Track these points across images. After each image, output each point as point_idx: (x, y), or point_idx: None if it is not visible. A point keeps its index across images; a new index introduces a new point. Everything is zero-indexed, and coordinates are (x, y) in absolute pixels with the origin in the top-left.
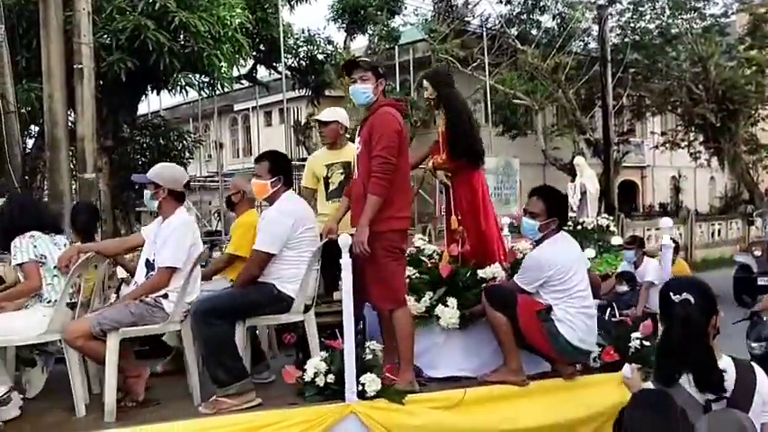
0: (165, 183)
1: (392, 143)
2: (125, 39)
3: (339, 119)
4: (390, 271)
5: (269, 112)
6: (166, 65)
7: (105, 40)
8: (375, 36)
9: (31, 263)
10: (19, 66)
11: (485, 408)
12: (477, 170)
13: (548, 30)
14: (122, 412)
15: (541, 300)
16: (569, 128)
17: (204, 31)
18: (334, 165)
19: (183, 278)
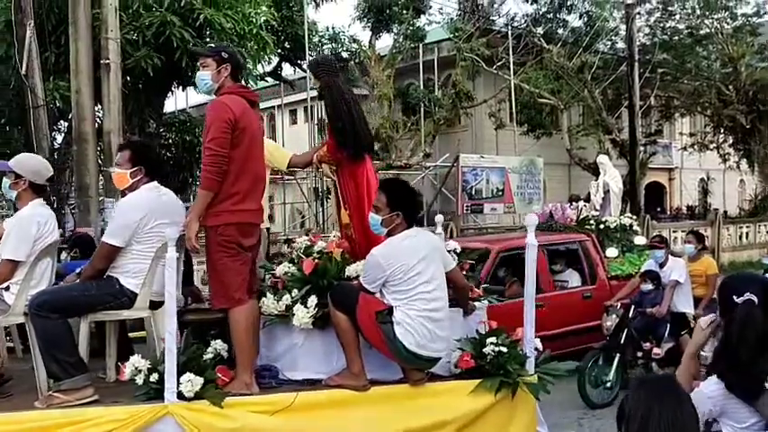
0: (26, 173)
1: (221, 134)
2: (151, 35)
3: None
4: (222, 267)
5: (294, 110)
6: (190, 62)
7: (132, 36)
8: (400, 35)
9: None
10: (48, 62)
11: (315, 413)
12: (362, 162)
13: (574, 29)
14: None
15: (385, 300)
16: (595, 128)
17: (229, 28)
18: None
19: (24, 271)
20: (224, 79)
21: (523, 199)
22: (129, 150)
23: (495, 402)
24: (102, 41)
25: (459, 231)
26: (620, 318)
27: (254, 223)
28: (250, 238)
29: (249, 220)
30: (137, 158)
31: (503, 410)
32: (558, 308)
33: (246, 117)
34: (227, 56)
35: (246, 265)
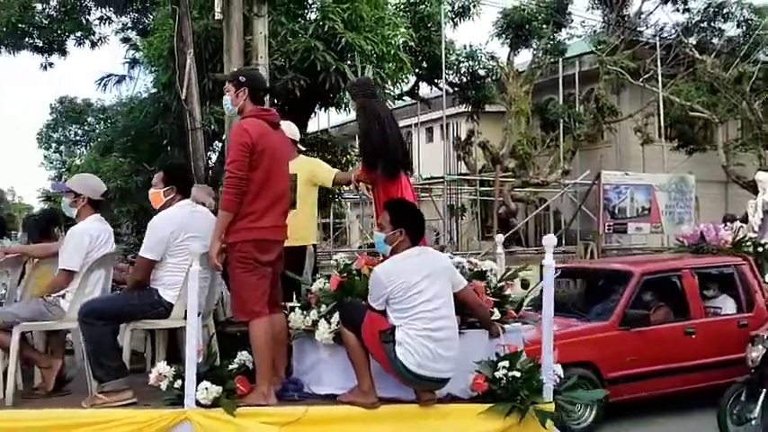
0: (83, 191)
1: (239, 157)
2: (297, 60)
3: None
4: (241, 282)
5: (430, 129)
6: (333, 83)
7: (279, 61)
8: (539, 50)
9: None
10: (205, 88)
11: (324, 428)
12: (396, 181)
13: (731, 38)
14: (27, 398)
15: (389, 320)
16: (754, 142)
17: (369, 50)
18: None
19: (78, 281)
20: (243, 102)
21: (672, 219)
22: (163, 172)
23: (504, 428)
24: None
25: (600, 252)
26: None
27: (271, 240)
28: (268, 254)
29: (266, 236)
30: (169, 179)
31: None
32: (709, 336)
33: (265, 139)
34: (245, 80)
35: (265, 280)
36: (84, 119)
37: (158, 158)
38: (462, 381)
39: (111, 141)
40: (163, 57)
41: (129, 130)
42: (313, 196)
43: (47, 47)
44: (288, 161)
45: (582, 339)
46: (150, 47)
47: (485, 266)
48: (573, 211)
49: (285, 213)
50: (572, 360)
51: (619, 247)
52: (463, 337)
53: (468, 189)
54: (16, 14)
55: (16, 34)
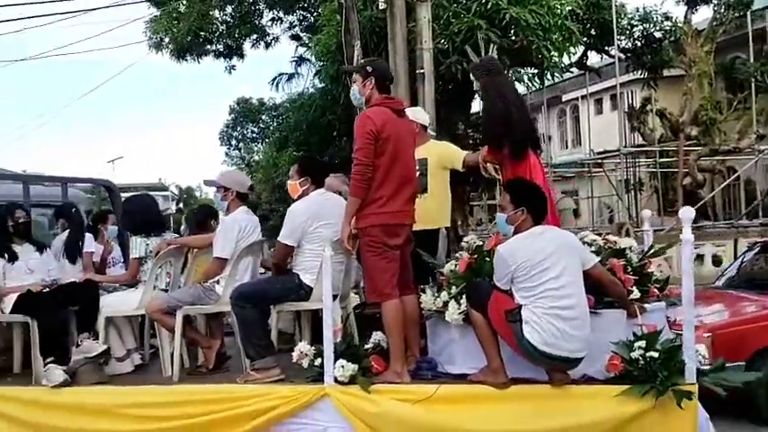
0: (232, 185)
1: (364, 145)
2: (460, 41)
3: (414, 118)
4: (371, 265)
5: (599, 100)
6: None
7: (443, 45)
8: (721, 5)
9: (135, 260)
10: None
11: (454, 406)
12: (524, 160)
13: None
14: (191, 375)
15: (515, 299)
16: None
17: (534, 23)
18: None
19: (229, 268)
20: (370, 92)
21: None
22: (297, 164)
23: (641, 411)
24: (417, 52)
25: None
26: None
27: (399, 224)
28: (396, 238)
29: (393, 221)
30: (303, 171)
31: (651, 421)
32: None
33: (390, 126)
34: (372, 70)
35: (394, 263)
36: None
37: (329, 149)
38: (599, 361)
39: (285, 137)
40: (330, 51)
41: (301, 124)
42: (445, 180)
43: (227, 51)
44: (413, 147)
45: None
46: (318, 43)
47: (623, 244)
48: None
49: (412, 198)
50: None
51: None
52: (599, 316)
53: (645, 161)
54: (196, 23)
55: (199, 42)
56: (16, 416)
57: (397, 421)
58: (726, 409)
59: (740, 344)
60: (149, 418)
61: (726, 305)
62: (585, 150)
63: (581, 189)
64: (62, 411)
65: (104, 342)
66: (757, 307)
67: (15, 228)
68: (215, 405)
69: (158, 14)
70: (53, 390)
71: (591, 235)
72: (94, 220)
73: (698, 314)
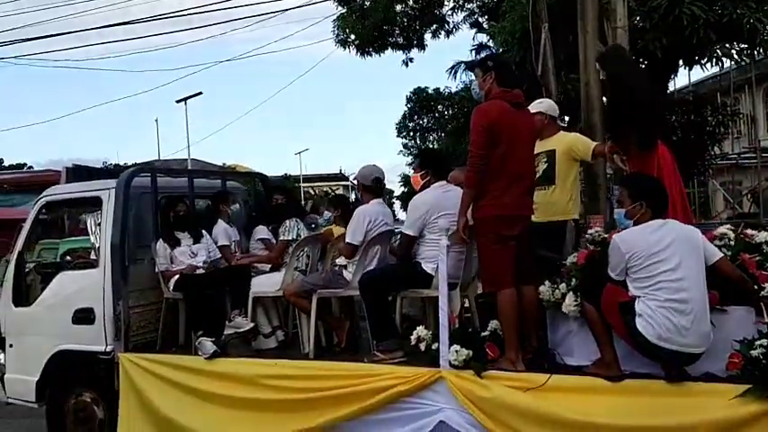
0: (359, 179)
1: (478, 137)
2: (658, 17)
3: (542, 109)
4: (487, 255)
5: None
6: (701, 38)
7: (638, 23)
8: None
9: (284, 242)
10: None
11: (564, 396)
12: (652, 152)
13: None
14: (324, 353)
15: (630, 291)
16: None
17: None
18: (540, 154)
19: (359, 253)
20: (490, 86)
21: None
22: (419, 158)
23: (759, 414)
24: (610, 31)
25: None
26: None
27: (514, 215)
28: (511, 229)
29: (508, 212)
30: (424, 163)
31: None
32: None
33: (506, 119)
34: (492, 64)
35: (510, 253)
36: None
37: None
38: (723, 359)
39: (461, 126)
40: (515, 38)
41: None
42: (574, 171)
43: (407, 43)
44: (531, 141)
45: None
46: (502, 30)
47: (759, 238)
48: None
49: (529, 191)
50: None
51: None
52: (725, 313)
53: None
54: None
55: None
56: (179, 381)
57: (508, 407)
58: None
59: None
60: (287, 389)
61: None
62: None
63: None
64: (214, 379)
65: (252, 319)
66: None
67: (176, 219)
68: (342, 381)
69: (344, 12)
70: (207, 360)
71: (721, 228)
72: (214, 200)
73: None
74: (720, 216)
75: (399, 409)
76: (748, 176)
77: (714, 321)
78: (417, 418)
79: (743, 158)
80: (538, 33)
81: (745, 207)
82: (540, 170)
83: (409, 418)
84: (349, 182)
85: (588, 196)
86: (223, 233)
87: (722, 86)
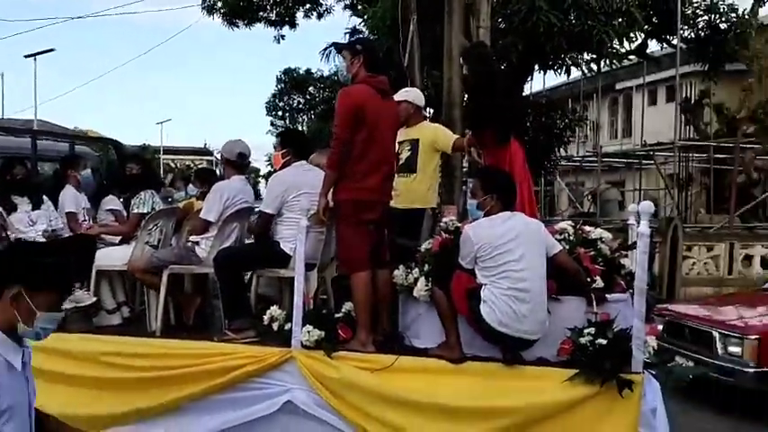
0: (224, 153)
1: (342, 120)
2: (518, 21)
3: (409, 98)
4: (343, 237)
5: (653, 91)
6: (555, 45)
7: (499, 24)
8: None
9: (138, 215)
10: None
11: (410, 377)
12: (506, 147)
13: None
14: (173, 331)
15: (477, 279)
16: None
17: (597, 7)
18: (404, 142)
19: (215, 230)
20: (357, 69)
21: None
22: (280, 137)
23: (586, 396)
24: (474, 30)
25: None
26: None
27: (374, 200)
28: (370, 213)
29: (369, 197)
30: (285, 142)
31: (595, 407)
32: None
33: (370, 104)
34: (361, 48)
35: (367, 237)
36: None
37: None
38: (554, 345)
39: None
40: (386, 25)
41: None
42: (435, 161)
43: (279, 20)
44: (394, 128)
45: None
46: (374, 16)
47: (594, 234)
48: None
49: (389, 176)
50: None
51: None
52: (560, 302)
53: (698, 156)
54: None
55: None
56: None
57: (356, 387)
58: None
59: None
60: (131, 367)
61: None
62: (635, 141)
63: (628, 181)
64: (50, 355)
65: (94, 294)
66: None
67: (14, 182)
68: (190, 360)
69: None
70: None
71: (563, 223)
72: (62, 165)
73: (742, 315)
74: (563, 214)
75: (247, 389)
76: (590, 178)
77: (550, 309)
78: (265, 398)
79: (586, 161)
80: (407, 25)
81: (585, 206)
82: (403, 158)
83: (257, 398)
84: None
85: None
86: (71, 199)
87: (573, 93)
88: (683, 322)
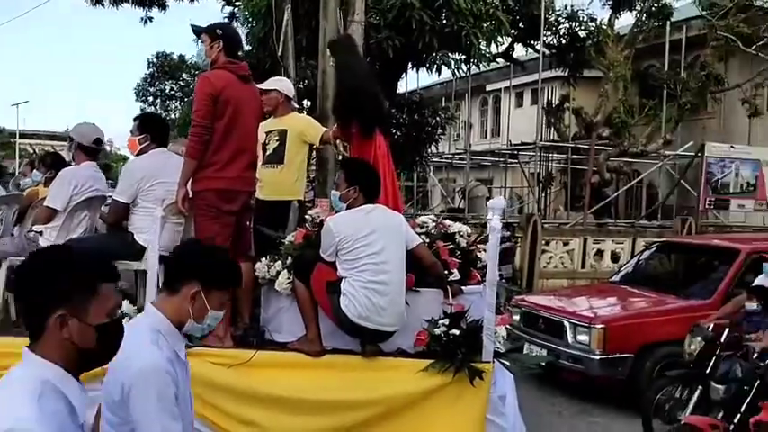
0: (75, 137)
1: (201, 107)
2: (392, 17)
3: (279, 87)
4: (203, 229)
5: (520, 93)
6: (426, 43)
7: (374, 19)
8: (643, 13)
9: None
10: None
11: (269, 372)
12: (371, 140)
13: None
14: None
15: (338, 271)
16: None
17: (466, 9)
18: (272, 132)
19: (62, 220)
20: (216, 54)
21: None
22: (138, 121)
23: (440, 386)
24: (348, 24)
25: (698, 228)
26: (707, 342)
27: (235, 190)
28: (231, 204)
29: (229, 186)
30: (143, 128)
31: (448, 395)
32: None
33: (230, 90)
34: (221, 33)
35: (227, 228)
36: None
37: None
38: (413, 336)
39: None
40: (260, 13)
41: None
42: (303, 153)
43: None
44: (256, 115)
45: (679, 317)
46: (249, 2)
47: (453, 228)
48: (668, 184)
49: (251, 165)
50: (667, 338)
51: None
52: (417, 294)
53: (558, 157)
54: None
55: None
56: None
57: (211, 384)
58: (611, 398)
59: (630, 336)
60: None
61: (620, 299)
62: (503, 141)
63: (496, 178)
64: None
65: None
66: (648, 303)
67: None
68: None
69: None
70: None
71: (423, 217)
72: None
73: (592, 306)
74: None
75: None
76: (461, 175)
77: (409, 301)
78: None
79: (458, 159)
80: (281, 14)
81: (456, 202)
82: (271, 148)
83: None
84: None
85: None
86: None
87: (447, 93)
88: (538, 313)
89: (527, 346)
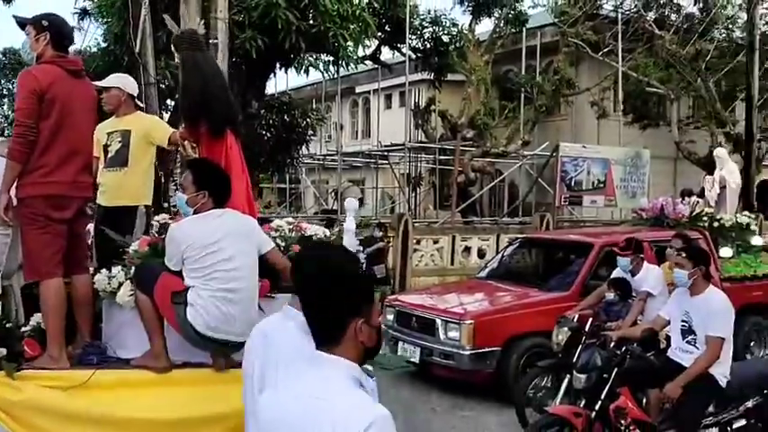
0: None
1: (26, 105)
2: (257, 16)
3: (120, 84)
4: (31, 240)
5: (389, 95)
6: (293, 44)
7: (238, 17)
8: (501, 19)
9: None
10: (160, 41)
11: (111, 392)
12: (221, 140)
13: (688, 15)
14: None
15: (185, 281)
16: (707, 120)
17: (332, 9)
18: (114, 133)
19: None
20: (43, 48)
21: (626, 192)
22: None
23: None
24: (212, 21)
25: (555, 224)
26: (573, 332)
27: (67, 196)
28: (62, 211)
29: (60, 192)
30: None
31: None
32: None
33: (58, 87)
34: (48, 24)
35: (59, 238)
36: None
37: None
38: None
39: None
40: (115, 7)
41: None
42: (149, 155)
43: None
44: (89, 114)
45: (541, 309)
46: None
47: (311, 231)
48: (528, 183)
49: (86, 168)
50: (531, 329)
51: (572, 219)
52: (273, 300)
53: (426, 157)
54: None
55: None
56: None
57: (43, 410)
58: (481, 391)
59: (497, 330)
60: None
61: (486, 295)
62: (374, 142)
63: (367, 179)
64: None
65: None
66: (512, 297)
67: None
68: None
69: None
70: None
71: (278, 221)
72: None
73: (462, 302)
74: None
75: None
76: (333, 176)
77: (264, 308)
78: None
79: (329, 160)
80: (138, 8)
81: (330, 203)
82: (113, 150)
83: None
84: None
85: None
86: None
87: (318, 94)
88: (411, 311)
89: (401, 345)
